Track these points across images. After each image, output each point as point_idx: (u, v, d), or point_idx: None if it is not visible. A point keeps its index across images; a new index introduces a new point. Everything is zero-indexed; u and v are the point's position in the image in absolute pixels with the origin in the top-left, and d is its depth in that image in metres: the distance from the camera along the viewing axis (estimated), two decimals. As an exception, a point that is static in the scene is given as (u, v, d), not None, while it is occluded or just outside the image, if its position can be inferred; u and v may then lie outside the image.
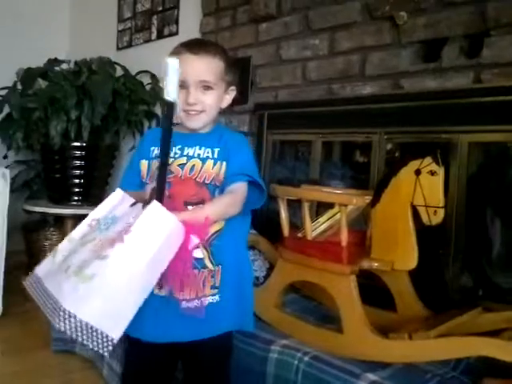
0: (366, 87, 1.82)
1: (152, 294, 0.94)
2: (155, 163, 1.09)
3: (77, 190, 2.48)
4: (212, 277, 1.05)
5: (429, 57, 1.67)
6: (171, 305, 1.01)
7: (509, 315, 1.25)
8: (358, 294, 1.28)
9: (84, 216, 1.04)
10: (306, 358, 1.25)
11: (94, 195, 2.53)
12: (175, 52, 1.08)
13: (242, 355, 1.33)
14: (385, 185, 1.39)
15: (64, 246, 0.98)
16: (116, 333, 0.83)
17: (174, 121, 1.03)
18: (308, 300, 1.63)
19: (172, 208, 0.93)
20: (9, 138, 2.39)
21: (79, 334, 0.80)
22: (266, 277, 1.79)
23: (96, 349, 0.81)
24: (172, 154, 1.08)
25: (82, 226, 1.00)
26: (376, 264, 1.38)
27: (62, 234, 2.62)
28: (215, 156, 1.08)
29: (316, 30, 1.97)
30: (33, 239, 2.86)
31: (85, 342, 0.80)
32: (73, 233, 1.00)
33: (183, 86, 1.05)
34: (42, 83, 2.47)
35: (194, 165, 1.07)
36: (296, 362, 1.25)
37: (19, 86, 2.44)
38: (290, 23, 2.06)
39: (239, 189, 1.05)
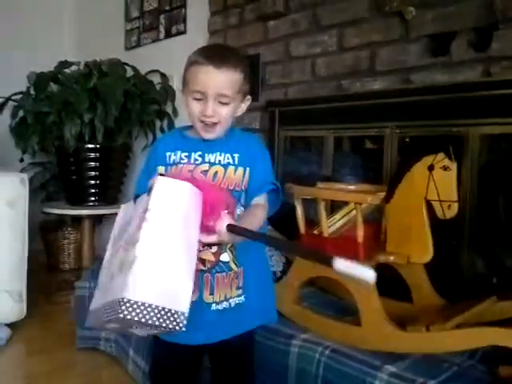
0: (376, 83, 1.84)
1: None
2: (180, 168, 1.10)
3: (93, 190, 2.53)
4: (236, 278, 1.10)
5: (438, 51, 1.69)
6: (203, 309, 1.05)
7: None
8: (375, 288, 1.31)
9: (101, 216, 1.07)
10: (327, 352, 1.29)
11: (109, 195, 2.58)
12: (196, 61, 1.06)
13: (265, 350, 1.38)
14: (398, 180, 1.42)
15: (102, 274, 1.00)
16: (183, 305, 0.82)
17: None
18: (325, 293, 1.67)
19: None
20: (24, 142, 2.43)
21: (148, 318, 0.79)
22: (283, 271, 1.84)
23: (171, 327, 0.80)
24: (192, 160, 1.10)
25: (108, 250, 1.02)
26: (392, 258, 1.41)
27: (80, 234, 2.68)
28: (236, 162, 1.09)
29: (324, 27, 1.99)
30: (51, 239, 2.93)
31: (158, 326, 0.79)
32: (104, 260, 1.02)
33: (201, 97, 1.05)
34: (53, 87, 2.51)
35: (216, 171, 1.08)
36: (317, 356, 1.30)
37: (32, 91, 2.48)
38: (299, 20, 2.08)
39: (262, 203, 1.08)
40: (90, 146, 2.45)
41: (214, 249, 1.05)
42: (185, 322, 0.82)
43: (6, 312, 2.10)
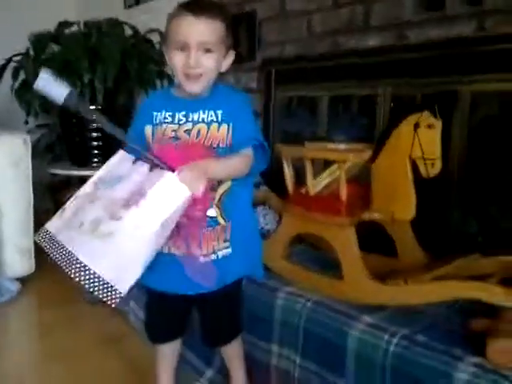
0: (371, 39, 1.81)
1: (171, 253, 1.09)
2: (164, 128, 1.14)
3: (96, 151, 2.57)
4: (224, 232, 1.15)
5: (432, 5, 1.65)
6: (190, 261, 1.12)
7: (502, 260, 1.31)
8: (356, 243, 1.35)
9: None
10: (309, 304, 1.35)
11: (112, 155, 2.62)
12: (175, 14, 1.08)
13: (251, 302, 1.45)
14: (385, 139, 1.43)
15: (71, 204, 1.06)
16: (124, 287, 0.92)
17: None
18: (314, 250, 1.72)
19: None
20: (27, 104, 2.47)
21: (91, 285, 0.90)
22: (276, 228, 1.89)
23: (105, 300, 0.90)
24: (176, 120, 1.13)
25: (88, 185, 1.08)
26: (376, 215, 1.45)
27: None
28: (219, 119, 1.11)
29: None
30: (59, 198, 3.00)
31: (95, 293, 0.90)
32: (79, 191, 1.08)
33: (183, 48, 1.07)
34: (54, 47, 2.52)
35: (199, 130, 1.11)
36: (299, 307, 1.36)
37: (32, 52, 2.49)
38: (294, -26, 2.04)
39: (247, 153, 1.11)
40: (91, 107, 2.47)
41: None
42: (117, 300, 0.91)
43: (16, 266, 2.21)
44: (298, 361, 1.34)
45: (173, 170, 0.98)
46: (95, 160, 2.58)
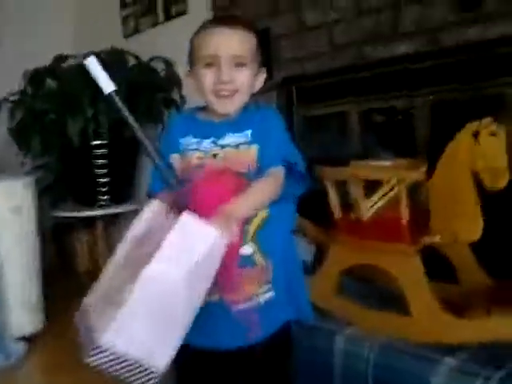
0: (401, 46, 1.68)
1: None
2: (190, 156, 0.98)
3: (103, 189, 2.40)
4: (264, 272, 0.96)
5: (467, 5, 1.53)
6: (224, 309, 0.93)
7: None
8: (424, 273, 1.18)
9: (114, 216, 0.95)
10: (376, 348, 1.16)
11: (122, 193, 2.45)
12: (202, 29, 0.96)
13: (304, 350, 1.26)
14: (440, 152, 1.28)
15: (109, 269, 0.89)
16: (160, 364, 0.75)
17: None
18: (361, 281, 1.54)
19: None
20: (25, 144, 2.31)
21: (116, 367, 0.73)
22: (314, 261, 1.72)
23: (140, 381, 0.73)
24: (203, 147, 0.97)
25: (124, 245, 0.90)
26: (438, 238, 1.28)
27: (93, 235, 2.57)
28: (248, 139, 0.95)
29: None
30: (63, 243, 2.82)
31: (124, 377, 0.73)
32: (117, 252, 0.90)
33: (212, 63, 0.93)
34: (51, 83, 2.37)
35: (228, 154, 0.95)
36: (366, 352, 1.17)
37: (28, 89, 2.35)
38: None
39: (274, 172, 0.94)
40: (96, 142, 2.32)
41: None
42: (153, 381, 0.75)
43: (23, 323, 2.00)
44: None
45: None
46: (102, 198, 2.41)
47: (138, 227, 0.91)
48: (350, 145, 1.81)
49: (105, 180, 2.38)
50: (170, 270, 0.76)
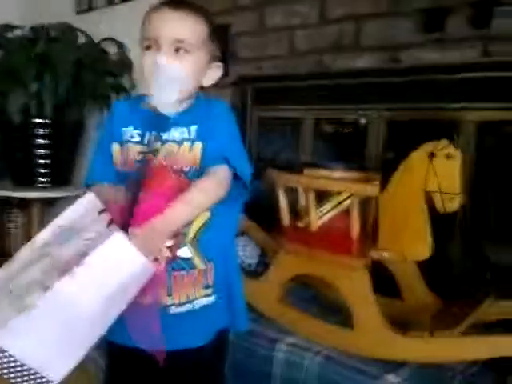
0: (361, 60, 1.69)
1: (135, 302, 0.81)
2: (131, 147, 0.91)
3: (42, 170, 2.25)
4: (203, 276, 0.91)
5: (430, 27, 1.56)
6: (157, 312, 0.86)
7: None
8: (371, 288, 1.19)
9: (52, 200, 0.87)
10: (319, 358, 1.16)
11: (62, 177, 2.31)
12: (152, 10, 0.88)
13: (243, 355, 1.24)
14: (393, 169, 1.29)
15: (24, 254, 0.81)
16: (56, 375, 0.71)
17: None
18: (305, 288, 1.53)
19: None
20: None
21: (11, 371, 0.68)
22: (258, 264, 1.70)
23: None
24: (146, 141, 0.90)
25: (46, 232, 0.83)
26: (386, 254, 1.29)
27: (28, 217, 2.41)
28: (192, 136, 0.89)
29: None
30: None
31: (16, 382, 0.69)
32: (36, 237, 0.83)
33: (152, 46, 0.86)
34: (-6, 53, 2.20)
35: (168, 151, 0.88)
36: (306, 363, 1.17)
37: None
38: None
39: (219, 172, 0.87)
40: (38, 120, 2.16)
41: (169, 242, 0.86)
42: None
43: None
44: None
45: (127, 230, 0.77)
46: (41, 180, 2.26)
47: (64, 217, 0.84)
48: (302, 150, 1.80)
49: (45, 161, 2.23)
50: (84, 295, 0.72)
